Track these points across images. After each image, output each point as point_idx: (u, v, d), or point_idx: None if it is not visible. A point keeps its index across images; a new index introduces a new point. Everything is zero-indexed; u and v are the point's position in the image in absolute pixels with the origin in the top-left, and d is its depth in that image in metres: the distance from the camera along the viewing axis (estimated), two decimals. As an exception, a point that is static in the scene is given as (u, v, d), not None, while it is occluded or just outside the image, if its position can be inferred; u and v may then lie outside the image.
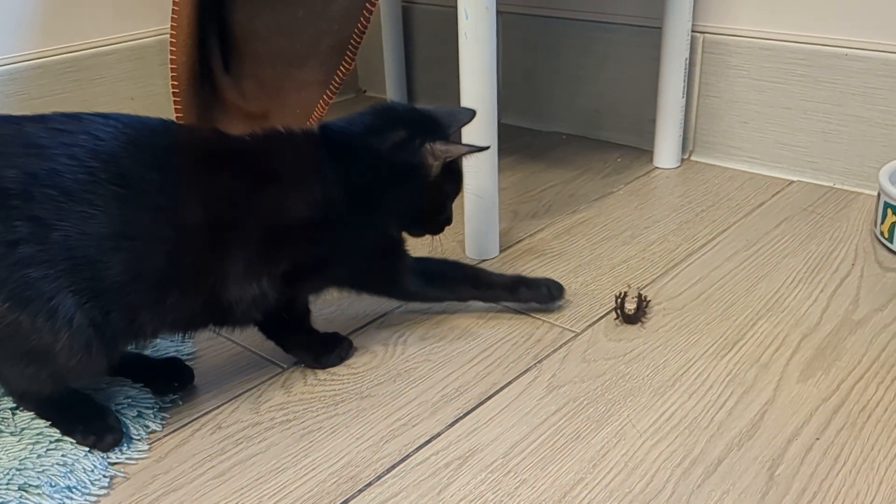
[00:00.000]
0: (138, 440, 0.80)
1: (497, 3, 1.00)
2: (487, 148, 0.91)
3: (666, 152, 1.39)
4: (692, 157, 1.42)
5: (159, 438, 0.80)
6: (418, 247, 0.97)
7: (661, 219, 1.21)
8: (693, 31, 1.33)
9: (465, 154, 0.90)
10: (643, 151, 1.45)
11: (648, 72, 1.41)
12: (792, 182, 1.32)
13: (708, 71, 1.36)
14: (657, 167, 1.40)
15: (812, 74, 1.27)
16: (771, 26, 1.30)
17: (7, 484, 0.72)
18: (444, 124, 0.89)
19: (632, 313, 0.95)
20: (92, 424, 0.78)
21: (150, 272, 0.72)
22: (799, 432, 0.78)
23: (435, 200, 0.90)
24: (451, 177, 0.89)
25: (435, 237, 0.96)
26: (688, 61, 1.33)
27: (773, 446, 0.76)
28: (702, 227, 1.18)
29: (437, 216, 0.92)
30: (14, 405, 0.80)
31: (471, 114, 0.95)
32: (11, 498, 0.70)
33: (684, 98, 1.35)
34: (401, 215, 0.89)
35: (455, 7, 0.99)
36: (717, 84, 1.36)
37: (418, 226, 0.93)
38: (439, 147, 0.85)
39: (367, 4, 1.13)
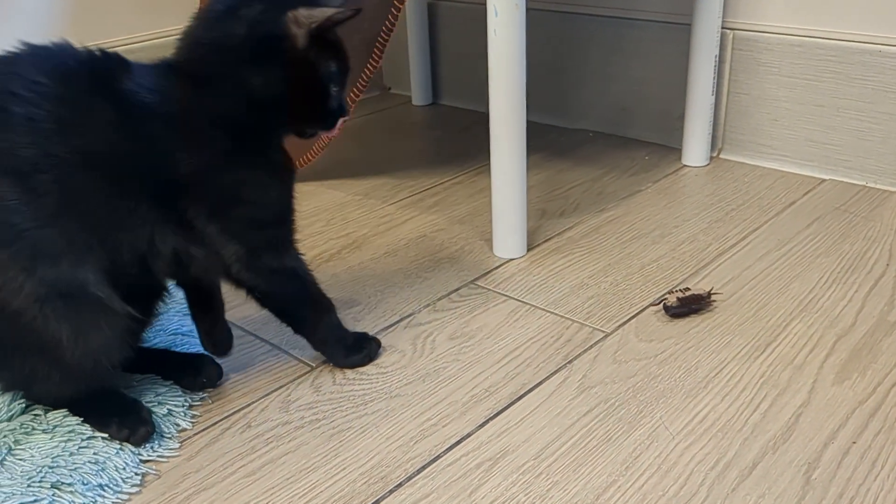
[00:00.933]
0: (169, 438, 0.80)
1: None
2: (359, 12, 0.75)
3: (695, 150, 1.37)
4: (721, 155, 1.41)
5: (189, 437, 0.80)
6: (443, 246, 0.96)
7: (690, 217, 1.20)
8: (723, 27, 1.31)
9: (333, 20, 0.74)
10: (671, 149, 1.43)
11: (676, 69, 1.39)
12: (824, 181, 1.30)
13: (738, 68, 1.35)
14: (686, 165, 1.38)
15: (844, 71, 1.25)
16: (802, 23, 1.28)
17: (40, 481, 0.72)
18: None
19: (680, 306, 0.95)
20: (125, 418, 0.78)
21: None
22: (835, 435, 0.77)
23: (313, 83, 0.77)
24: (328, 52, 0.76)
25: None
26: (717, 58, 1.31)
27: (809, 450, 0.75)
28: (732, 227, 1.16)
29: (321, 104, 0.78)
30: (46, 403, 0.81)
31: None
32: (44, 496, 0.71)
33: (714, 95, 1.34)
34: (277, 108, 0.76)
35: (481, 3, 0.99)
36: (746, 81, 1.35)
37: (303, 120, 0.80)
38: (303, 13, 0.73)
39: (396, 2, 1.12)
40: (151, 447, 0.78)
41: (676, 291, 0.97)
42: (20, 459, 0.75)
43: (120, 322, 0.74)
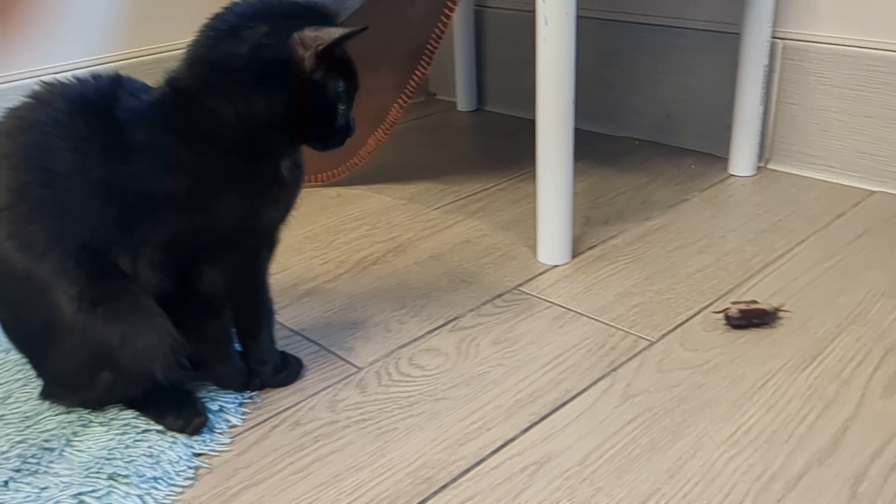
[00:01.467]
0: (220, 433, 0.82)
1: (576, 9, 1.00)
2: (366, 28, 0.74)
3: (742, 160, 1.36)
4: (769, 165, 1.40)
5: (240, 433, 0.82)
6: (487, 251, 0.97)
7: (736, 227, 1.20)
8: (773, 37, 1.31)
9: (341, 39, 0.72)
10: (717, 158, 1.43)
11: (724, 78, 1.39)
12: (873, 192, 1.29)
13: (787, 78, 1.34)
14: (732, 175, 1.38)
15: (894, 82, 1.24)
16: (852, 33, 1.27)
17: (97, 472, 0.74)
18: (328, 13, 0.77)
19: (742, 318, 0.95)
20: (181, 410, 0.81)
21: None
22: (882, 450, 0.76)
23: (320, 104, 0.76)
24: (336, 71, 0.75)
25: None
26: (766, 68, 1.31)
27: (856, 463, 0.75)
28: (779, 238, 1.16)
29: (328, 124, 0.78)
30: (102, 396, 0.83)
31: None
32: (102, 486, 0.73)
33: (762, 105, 1.33)
34: (280, 129, 0.76)
35: (528, 10, 0.99)
36: (795, 91, 1.34)
37: (308, 139, 0.79)
38: (309, 34, 0.72)
39: (446, 10, 1.14)
40: (203, 441, 0.80)
41: (741, 303, 0.96)
42: (78, 450, 0.77)
43: (162, 328, 0.77)
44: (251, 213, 0.78)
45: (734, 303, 0.96)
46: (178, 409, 0.81)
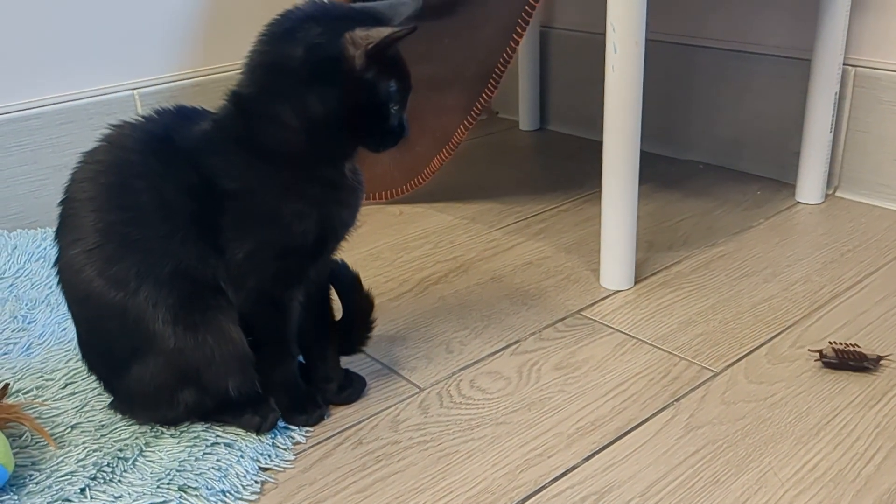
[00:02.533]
0: (284, 450, 0.83)
1: (646, 37, 1.00)
2: (415, 29, 0.74)
3: (810, 187, 1.35)
4: (837, 193, 1.38)
5: (304, 450, 0.84)
6: (549, 274, 0.97)
7: (804, 257, 1.18)
8: (844, 64, 1.29)
9: (390, 38, 0.73)
10: (784, 185, 1.41)
11: (792, 103, 1.37)
12: (946, 224, 1.26)
13: (858, 105, 1.32)
14: (800, 202, 1.36)
15: (974, 112, 1.21)
16: (928, 60, 1.24)
17: (168, 483, 0.77)
18: (383, 17, 0.77)
19: (836, 358, 0.92)
20: (257, 408, 0.84)
21: None
22: (955, 494, 0.74)
23: (372, 103, 0.77)
24: (388, 72, 0.76)
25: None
26: (837, 95, 1.29)
27: (927, 507, 0.73)
28: (848, 268, 1.14)
29: (381, 124, 0.78)
30: (174, 408, 0.86)
31: (416, 3, 0.80)
32: (172, 497, 0.75)
33: (832, 132, 1.31)
34: (335, 129, 0.77)
35: (593, 32, 1.00)
36: (866, 119, 1.32)
37: (362, 140, 0.80)
38: (359, 34, 0.73)
39: (514, 35, 1.15)
40: (269, 457, 0.82)
41: (839, 343, 0.93)
42: (150, 461, 0.80)
43: (240, 347, 0.80)
44: (322, 218, 0.80)
45: (831, 343, 0.94)
46: (253, 407, 0.84)
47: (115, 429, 0.84)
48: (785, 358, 0.95)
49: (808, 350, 0.95)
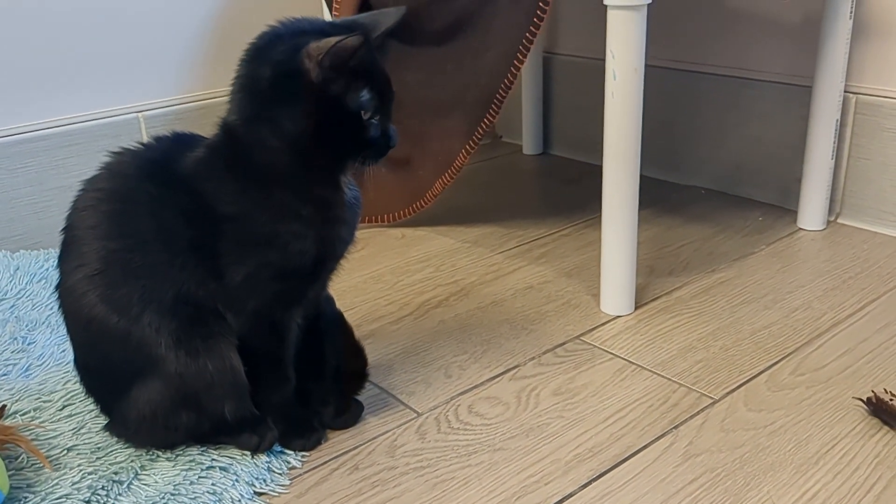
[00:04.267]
0: (279, 474, 0.83)
1: (646, 63, 1.01)
2: (363, 38, 0.72)
3: (811, 213, 1.34)
4: (839, 220, 1.38)
5: (299, 475, 0.84)
6: (550, 299, 0.97)
7: (805, 283, 1.18)
8: (845, 91, 1.29)
9: (337, 48, 0.72)
10: (786, 211, 1.41)
11: (794, 130, 1.37)
12: (949, 251, 1.25)
13: (860, 132, 1.32)
14: (801, 228, 1.36)
15: (976, 140, 1.21)
16: (930, 88, 1.25)
17: (163, 507, 0.77)
18: (363, 28, 0.76)
19: (882, 408, 0.87)
20: (255, 427, 0.84)
21: None
22: (956, 526, 0.74)
23: (341, 114, 0.76)
24: (358, 82, 0.75)
25: None
26: (838, 122, 1.29)
27: (927, 539, 0.72)
28: (849, 295, 1.13)
29: (356, 135, 0.77)
30: (170, 431, 0.85)
31: (398, 13, 0.80)
32: (166, 521, 0.75)
33: (833, 159, 1.31)
34: (312, 146, 0.76)
35: (595, 58, 1.00)
36: (868, 146, 1.32)
37: (345, 154, 0.78)
38: (312, 46, 0.72)
39: (516, 61, 1.16)
40: (264, 481, 0.82)
41: (889, 393, 0.89)
42: (145, 485, 0.80)
43: (237, 371, 0.81)
44: (319, 237, 0.79)
45: (889, 393, 0.89)
46: (251, 427, 0.84)
47: (111, 451, 0.84)
48: (785, 385, 0.94)
49: (859, 399, 0.91)
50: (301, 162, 0.77)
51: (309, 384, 0.89)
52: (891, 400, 0.88)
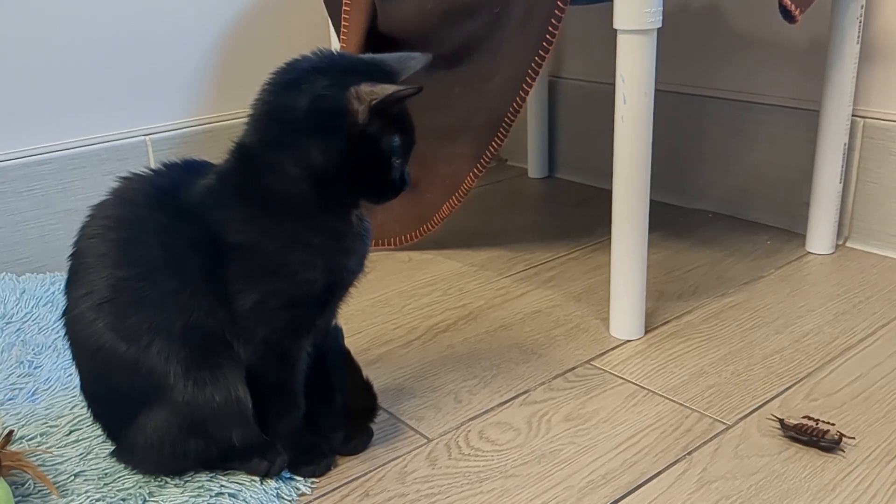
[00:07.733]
0: (289, 501, 0.82)
1: (655, 87, 1.01)
2: (420, 90, 0.75)
3: (820, 237, 1.34)
4: (848, 244, 1.37)
5: (309, 502, 0.83)
6: (558, 323, 0.96)
7: (815, 308, 1.17)
8: (853, 115, 1.29)
9: (395, 97, 0.74)
10: (794, 234, 1.41)
11: (802, 153, 1.37)
12: (959, 275, 1.25)
13: (868, 156, 1.32)
14: (810, 252, 1.35)
15: (984, 164, 1.21)
16: (938, 112, 1.25)
17: (171, 535, 0.76)
18: (391, 70, 0.78)
19: (795, 429, 0.88)
20: (265, 453, 0.83)
21: None
22: (976, 555, 0.73)
23: (374, 157, 0.77)
24: (392, 126, 0.77)
25: None
26: (846, 146, 1.29)
27: (947, 568, 0.71)
28: (860, 320, 1.13)
29: (381, 177, 0.79)
30: (179, 457, 0.85)
31: (425, 59, 0.82)
32: (175, 549, 0.74)
33: (841, 183, 1.31)
34: (336, 180, 0.77)
35: (600, 82, 1.00)
36: (877, 170, 1.32)
37: (363, 192, 0.80)
38: (364, 89, 0.74)
39: (524, 86, 1.16)
40: (274, 509, 0.81)
41: (804, 417, 0.89)
42: (153, 512, 0.79)
43: (244, 399, 0.80)
44: (328, 267, 0.79)
45: (807, 418, 0.89)
46: (261, 452, 0.83)
47: (119, 477, 0.83)
48: (798, 411, 0.93)
49: (771, 414, 0.92)
50: (318, 192, 0.77)
51: (319, 409, 0.88)
52: (810, 419, 0.89)
